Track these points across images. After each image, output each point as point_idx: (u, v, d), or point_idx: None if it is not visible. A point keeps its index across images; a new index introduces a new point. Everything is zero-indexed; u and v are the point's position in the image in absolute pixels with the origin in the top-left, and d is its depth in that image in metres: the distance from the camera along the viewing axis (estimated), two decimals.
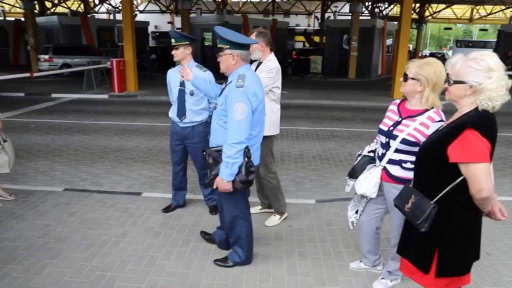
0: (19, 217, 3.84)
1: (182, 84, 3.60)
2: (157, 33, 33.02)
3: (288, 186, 4.77)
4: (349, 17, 19.64)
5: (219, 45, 2.64)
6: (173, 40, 3.53)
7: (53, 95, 12.40)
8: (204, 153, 2.81)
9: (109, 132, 7.62)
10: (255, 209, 3.82)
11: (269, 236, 3.55)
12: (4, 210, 3.98)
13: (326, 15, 26.88)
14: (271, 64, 3.41)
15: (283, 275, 2.95)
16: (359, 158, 2.72)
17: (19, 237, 3.45)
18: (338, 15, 23.42)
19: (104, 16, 30.96)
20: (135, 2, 25.84)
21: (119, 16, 22.96)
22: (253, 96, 2.59)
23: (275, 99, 3.56)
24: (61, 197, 4.36)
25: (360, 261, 3.03)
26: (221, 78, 2.82)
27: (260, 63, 3.50)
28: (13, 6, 26.76)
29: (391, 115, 2.52)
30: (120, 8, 25.78)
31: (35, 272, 2.93)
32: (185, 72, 3.15)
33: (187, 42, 3.55)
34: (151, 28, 29.00)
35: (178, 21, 27.86)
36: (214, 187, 2.71)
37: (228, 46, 2.61)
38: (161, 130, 7.76)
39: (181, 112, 3.67)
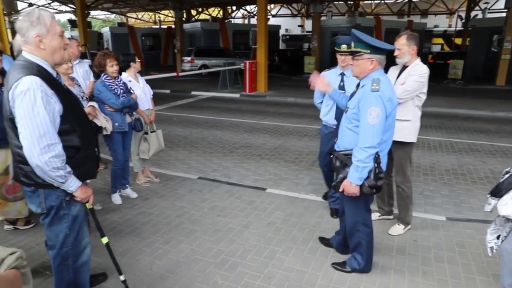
0: (162, 197, 4.43)
1: (341, 87, 3.64)
2: (287, 36, 34.00)
3: (416, 199, 4.44)
4: (503, 14, 17.11)
5: (355, 49, 2.62)
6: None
7: (193, 92, 13.89)
8: (332, 156, 2.82)
9: (239, 129, 8.18)
10: (374, 216, 3.68)
11: (391, 247, 3.38)
12: (151, 190, 4.65)
13: (473, 13, 23.99)
14: (422, 69, 3.31)
15: None
16: (507, 175, 2.40)
17: (161, 214, 3.99)
18: (489, 12, 20.65)
19: (240, 21, 33.26)
20: (268, 7, 27.10)
21: (253, 20, 24.44)
22: (387, 101, 2.52)
23: (419, 105, 3.43)
24: (195, 184, 4.87)
25: None
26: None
27: (404, 67, 3.38)
28: (167, 16, 30.91)
29: None
30: (254, 13, 27.45)
31: (172, 246, 3.35)
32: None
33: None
34: (281, 32, 30.02)
35: (308, 24, 28.24)
36: (341, 190, 2.70)
37: (368, 51, 2.58)
38: (287, 130, 8.01)
39: (340, 114, 3.74)
